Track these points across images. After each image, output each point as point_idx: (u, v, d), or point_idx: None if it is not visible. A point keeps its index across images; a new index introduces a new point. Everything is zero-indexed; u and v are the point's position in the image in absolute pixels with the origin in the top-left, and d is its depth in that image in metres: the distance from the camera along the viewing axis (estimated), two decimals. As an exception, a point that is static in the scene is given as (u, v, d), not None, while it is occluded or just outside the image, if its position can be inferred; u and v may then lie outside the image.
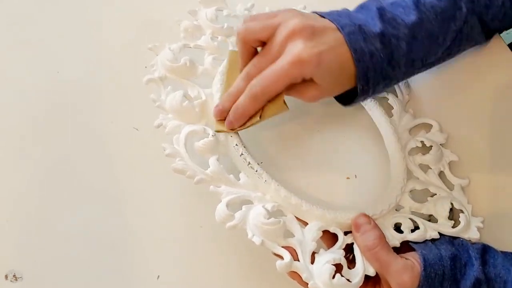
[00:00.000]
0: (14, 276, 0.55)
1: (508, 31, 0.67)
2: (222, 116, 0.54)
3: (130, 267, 0.56)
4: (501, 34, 0.68)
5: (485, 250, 0.52)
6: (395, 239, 0.52)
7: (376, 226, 0.51)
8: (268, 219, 0.48)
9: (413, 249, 0.52)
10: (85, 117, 0.63)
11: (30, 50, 0.67)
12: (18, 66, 0.66)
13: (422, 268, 0.49)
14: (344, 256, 0.50)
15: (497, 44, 0.68)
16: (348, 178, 0.59)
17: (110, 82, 0.65)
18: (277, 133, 0.60)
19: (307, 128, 0.61)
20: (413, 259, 0.50)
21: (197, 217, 0.58)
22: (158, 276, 0.56)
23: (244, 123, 0.54)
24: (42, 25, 0.69)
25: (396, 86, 0.66)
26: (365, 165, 0.60)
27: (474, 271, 0.50)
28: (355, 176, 0.59)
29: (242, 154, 0.52)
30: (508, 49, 0.68)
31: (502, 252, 0.53)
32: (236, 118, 0.53)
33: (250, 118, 0.54)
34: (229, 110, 0.53)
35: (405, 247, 0.52)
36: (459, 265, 0.50)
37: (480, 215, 0.58)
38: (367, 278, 0.51)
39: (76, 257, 0.57)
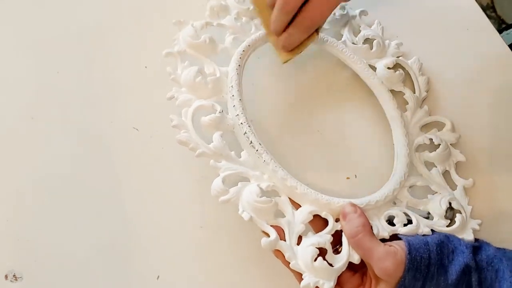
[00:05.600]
0: (14, 276, 0.55)
1: (508, 31, 0.66)
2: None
3: (130, 267, 0.57)
4: (501, 34, 0.67)
5: (476, 242, 0.53)
6: (385, 231, 0.53)
7: (362, 214, 0.52)
8: (260, 197, 0.50)
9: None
10: (85, 117, 0.63)
11: (30, 50, 0.67)
12: (18, 66, 0.66)
13: (407, 252, 0.49)
14: (333, 248, 0.51)
15: (496, 43, 0.69)
16: (348, 178, 0.61)
17: (110, 82, 0.65)
18: (285, 129, 0.63)
19: (314, 122, 0.63)
20: (397, 246, 0.50)
21: (197, 217, 0.59)
22: (158, 276, 0.56)
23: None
24: (42, 25, 0.68)
25: (415, 82, 0.66)
26: (368, 164, 0.62)
27: (464, 257, 0.50)
28: (355, 176, 0.61)
29: (245, 132, 0.54)
30: (508, 48, 0.68)
31: (493, 246, 0.53)
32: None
33: None
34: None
35: (394, 241, 0.53)
36: (446, 251, 0.51)
37: (480, 218, 0.58)
38: (355, 269, 0.52)
39: (76, 257, 0.57)
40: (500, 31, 0.90)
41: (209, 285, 0.57)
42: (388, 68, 0.65)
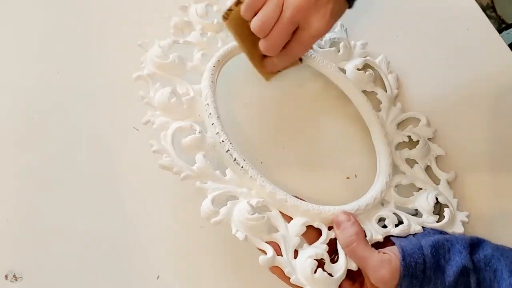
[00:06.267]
0: (14, 276, 0.54)
1: (508, 31, 0.67)
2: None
3: (130, 267, 0.56)
4: (501, 34, 0.69)
5: (473, 241, 0.52)
6: (378, 234, 0.53)
7: (355, 222, 0.52)
8: (252, 214, 0.49)
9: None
10: (85, 117, 0.63)
11: (30, 50, 0.67)
12: (18, 66, 0.66)
13: (401, 259, 0.49)
14: (330, 257, 0.51)
15: (496, 43, 0.69)
16: (348, 178, 0.61)
17: (110, 82, 0.65)
18: (274, 134, 0.63)
19: (294, 130, 0.63)
20: (391, 253, 0.50)
21: (197, 217, 0.56)
22: (158, 276, 0.56)
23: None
24: (42, 25, 0.69)
25: (385, 80, 0.66)
26: (359, 164, 0.62)
27: (462, 258, 0.49)
28: (355, 176, 0.61)
29: (228, 150, 0.53)
30: (508, 48, 0.69)
31: (492, 243, 0.53)
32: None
33: None
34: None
35: (388, 242, 0.53)
36: (442, 251, 0.50)
37: (466, 210, 0.59)
38: (353, 277, 0.52)
39: (76, 257, 0.56)
40: (500, 31, 0.91)
41: (209, 285, 0.57)
42: (358, 69, 0.65)
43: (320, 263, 0.49)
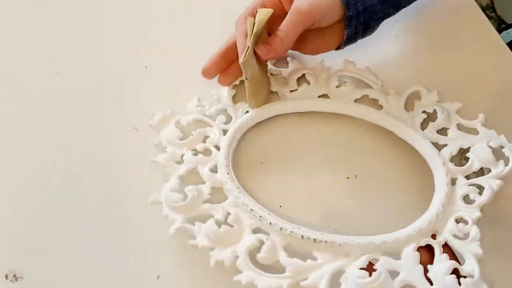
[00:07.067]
0: (14, 276, 0.55)
1: (508, 31, 0.68)
2: None
3: (130, 267, 0.56)
4: (501, 34, 0.69)
5: None
6: (473, 211, 0.53)
7: None
8: (369, 277, 0.48)
9: None
10: (85, 117, 0.64)
11: (30, 50, 0.69)
12: (18, 66, 0.68)
13: None
14: None
15: (496, 43, 0.70)
16: (348, 178, 0.60)
17: (110, 82, 0.67)
18: (276, 135, 0.64)
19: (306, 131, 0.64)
20: None
21: None
22: (158, 276, 0.55)
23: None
24: (42, 25, 0.71)
25: (364, 79, 0.65)
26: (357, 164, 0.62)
27: None
28: (355, 176, 0.60)
29: (302, 236, 0.52)
30: (508, 48, 0.69)
31: None
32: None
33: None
34: None
35: None
36: None
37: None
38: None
39: (76, 257, 0.56)
40: (500, 31, 0.92)
41: (210, 285, 0.55)
42: (337, 87, 0.64)
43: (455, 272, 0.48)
